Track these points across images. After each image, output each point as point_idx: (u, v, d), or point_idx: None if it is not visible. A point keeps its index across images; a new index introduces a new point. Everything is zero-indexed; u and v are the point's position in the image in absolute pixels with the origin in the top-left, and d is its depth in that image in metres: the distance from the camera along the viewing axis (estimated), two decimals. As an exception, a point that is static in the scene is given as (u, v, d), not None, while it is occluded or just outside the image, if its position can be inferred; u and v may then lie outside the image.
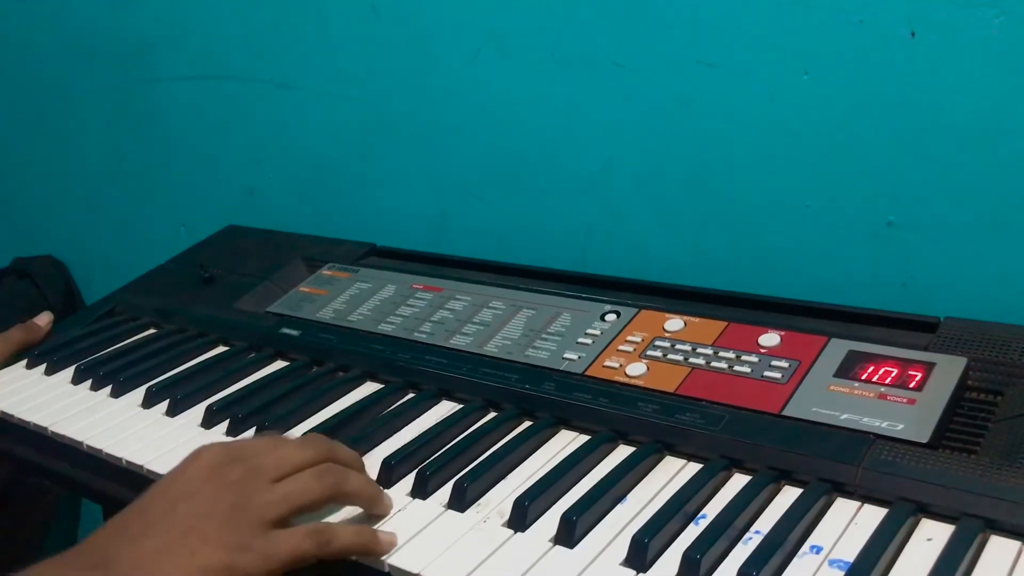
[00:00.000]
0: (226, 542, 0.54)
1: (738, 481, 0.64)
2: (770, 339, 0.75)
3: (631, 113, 0.96)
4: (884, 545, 0.55)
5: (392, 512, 0.65)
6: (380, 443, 0.75)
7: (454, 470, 0.68)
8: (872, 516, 0.59)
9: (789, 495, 0.62)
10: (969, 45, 0.76)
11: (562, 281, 0.93)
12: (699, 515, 0.61)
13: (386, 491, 0.65)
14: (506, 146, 1.06)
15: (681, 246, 0.96)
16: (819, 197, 0.87)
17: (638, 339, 0.79)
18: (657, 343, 0.78)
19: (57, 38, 1.51)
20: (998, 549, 0.55)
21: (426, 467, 0.68)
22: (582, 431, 0.73)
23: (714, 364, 0.74)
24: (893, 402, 0.65)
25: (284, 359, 0.92)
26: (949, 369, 0.67)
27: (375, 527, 0.63)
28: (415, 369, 0.83)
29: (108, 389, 0.88)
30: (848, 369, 0.70)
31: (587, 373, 0.77)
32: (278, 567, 0.56)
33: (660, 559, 0.58)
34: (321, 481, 0.59)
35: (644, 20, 0.92)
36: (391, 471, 0.69)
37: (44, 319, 1.02)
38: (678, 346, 0.77)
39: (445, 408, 0.79)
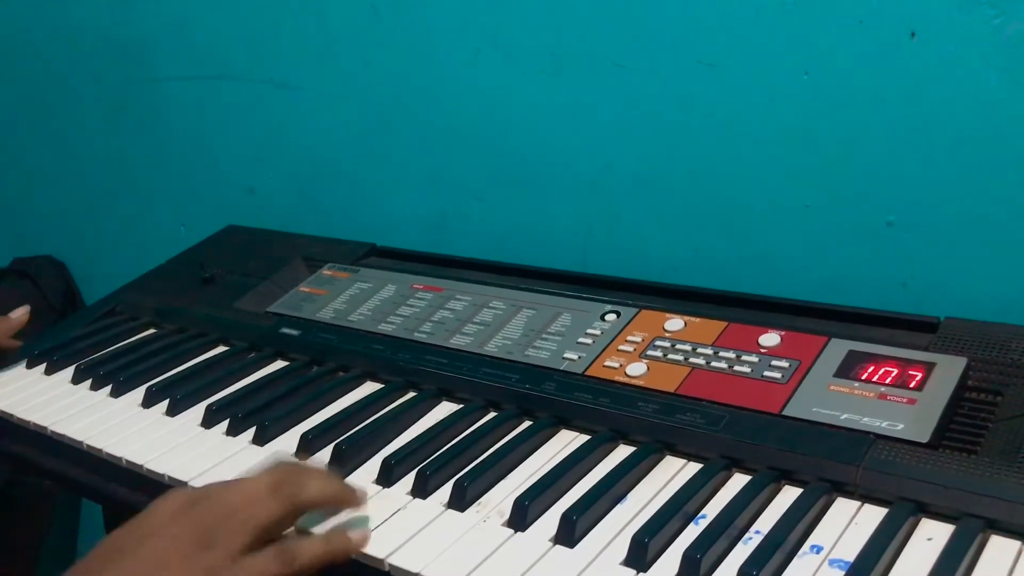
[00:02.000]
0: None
1: (738, 481, 0.64)
2: (770, 339, 0.75)
3: (631, 113, 0.96)
4: (884, 545, 0.55)
5: (392, 511, 0.65)
6: (380, 443, 0.75)
7: (454, 470, 0.68)
8: (872, 516, 0.59)
9: (789, 495, 0.62)
10: (969, 45, 0.76)
11: (562, 281, 0.93)
12: (699, 515, 0.61)
13: (358, 485, 0.65)
14: (506, 146, 1.06)
15: (681, 246, 0.96)
16: (819, 197, 0.87)
17: (638, 339, 0.79)
18: (657, 343, 0.78)
19: (57, 38, 1.51)
20: (998, 549, 0.55)
21: (426, 467, 0.68)
22: (582, 431, 0.73)
23: (714, 364, 0.74)
24: (893, 402, 0.65)
25: (284, 359, 0.92)
26: (949, 369, 0.67)
27: (371, 525, 0.63)
28: (415, 369, 0.83)
29: (108, 389, 0.88)
30: (848, 369, 0.70)
31: (587, 373, 0.77)
32: None
33: (660, 559, 0.58)
34: (276, 497, 0.59)
35: (644, 20, 0.92)
36: (391, 471, 0.69)
37: (18, 311, 0.99)
38: (678, 346, 0.77)
39: (445, 408, 0.79)
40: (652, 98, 0.94)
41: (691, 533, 0.59)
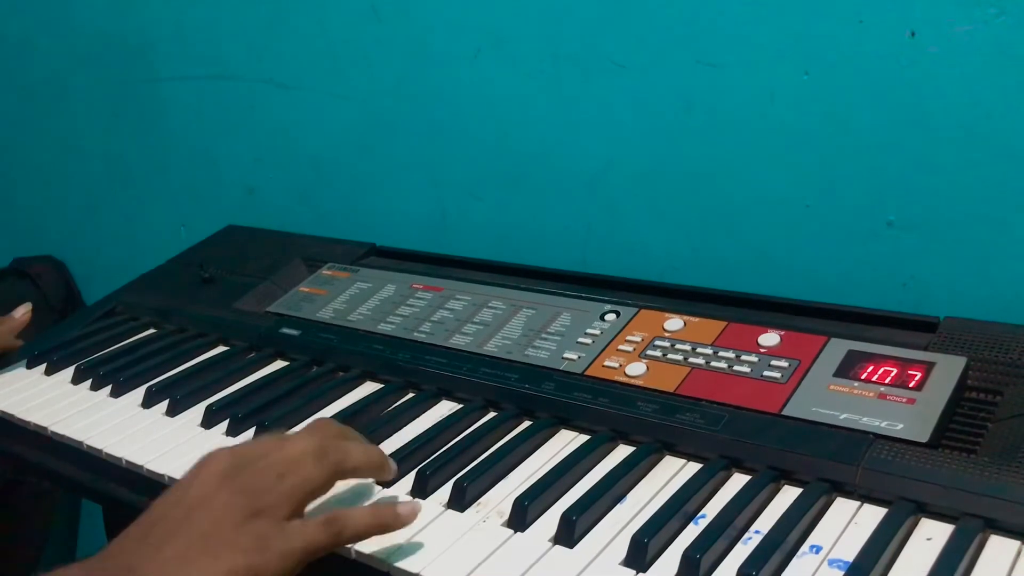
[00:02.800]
0: (245, 545, 0.55)
1: (738, 481, 0.64)
2: (770, 339, 0.75)
3: (631, 113, 0.96)
4: (884, 545, 0.55)
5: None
6: (380, 443, 0.75)
7: (454, 470, 0.69)
8: (872, 516, 0.59)
9: (789, 495, 0.62)
10: (969, 45, 0.76)
11: (562, 281, 0.93)
12: (699, 515, 0.61)
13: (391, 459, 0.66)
14: (506, 146, 1.06)
15: (681, 246, 0.96)
16: (819, 197, 0.87)
17: (638, 339, 0.79)
18: (657, 343, 0.78)
19: (57, 38, 1.51)
20: (998, 549, 0.55)
21: (426, 467, 0.68)
22: (582, 431, 0.73)
23: (714, 364, 0.74)
24: (893, 402, 0.65)
25: (284, 359, 0.92)
26: (949, 369, 0.67)
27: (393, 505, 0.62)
28: (415, 369, 0.83)
29: (108, 389, 0.88)
30: (848, 369, 0.70)
31: (587, 373, 0.77)
32: (296, 563, 0.56)
33: (660, 559, 0.58)
34: (321, 464, 0.59)
35: (644, 20, 0.92)
36: (391, 471, 0.69)
37: (20, 310, 0.98)
38: (678, 346, 0.77)
39: (445, 408, 0.79)
40: (652, 98, 0.94)
41: (691, 533, 0.59)
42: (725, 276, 0.92)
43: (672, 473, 0.66)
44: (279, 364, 0.91)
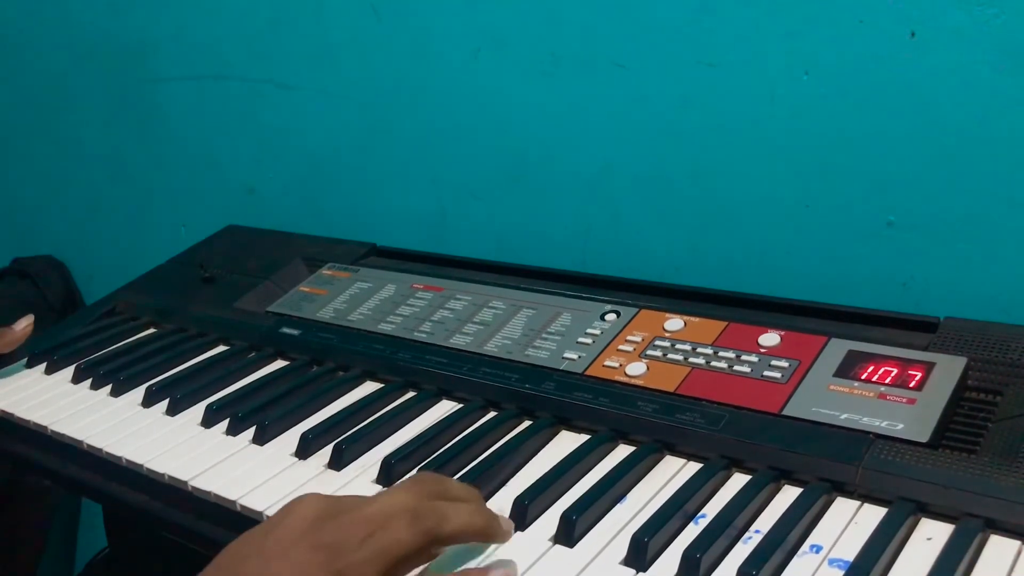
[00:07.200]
0: None
1: (738, 481, 0.64)
2: (770, 339, 0.75)
3: (631, 113, 0.96)
4: (884, 544, 0.55)
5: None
6: (380, 443, 0.75)
7: (454, 469, 0.69)
8: (872, 515, 0.59)
9: (789, 495, 0.62)
10: (969, 45, 0.76)
11: (562, 281, 0.93)
12: (699, 514, 0.61)
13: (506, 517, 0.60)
14: (506, 146, 1.06)
15: (681, 246, 0.96)
16: (819, 197, 0.87)
17: (638, 339, 0.79)
18: (657, 343, 0.78)
19: (57, 38, 1.51)
20: (998, 548, 0.55)
21: (426, 466, 0.68)
22: (582, 431, 0.73)
23: (714, 364, 0.74)
24: (893, 402, 0.65)
25: (284, 358, 0.92)
26: (949, 369, 0.67)
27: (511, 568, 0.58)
28: (415, 368, 0.83)
29: (108, 388, 0.88)
30: (848, 369, 0.70)
31: (587, 373, 0.77)
32: None
33: (660, 558, 0.58)
34: (413, 528, 0.54)
35: (644, 20, 0.92)
36: (391, 471, 0.69)
37: (22, 323, 0.95)
38: (678, 346, 0.77)
39: (445, 408, 0.79)
40: (652, 98, 0.94)
41: (691, 532, 0.59)
42: (725, 276, 0.93)
43: (672, 473, 0.66)
44: (279, 364, 0.91)
